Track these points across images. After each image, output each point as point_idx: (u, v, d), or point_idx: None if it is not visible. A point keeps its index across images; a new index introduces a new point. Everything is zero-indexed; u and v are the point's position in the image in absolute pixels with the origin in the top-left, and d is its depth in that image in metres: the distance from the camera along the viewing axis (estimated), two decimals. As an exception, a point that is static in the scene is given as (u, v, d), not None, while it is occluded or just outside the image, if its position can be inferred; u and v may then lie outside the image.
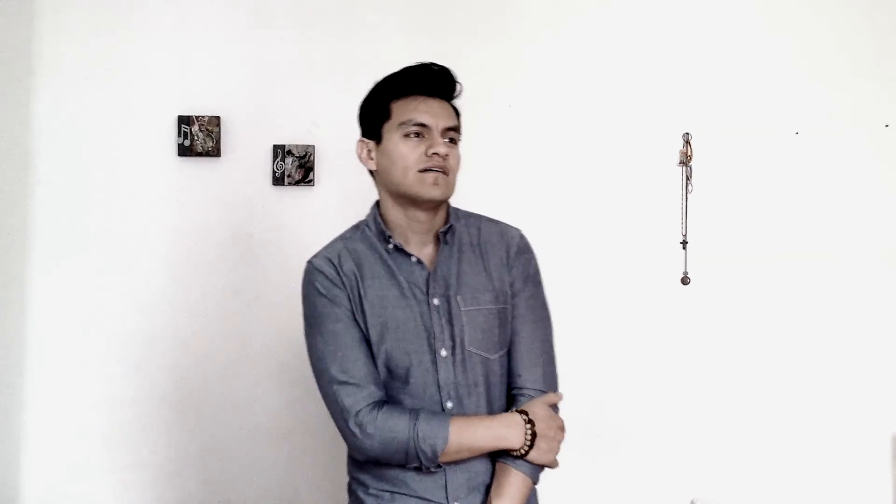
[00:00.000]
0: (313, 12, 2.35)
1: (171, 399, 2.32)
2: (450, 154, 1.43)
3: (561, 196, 2.31)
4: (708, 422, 2.30)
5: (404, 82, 1.46)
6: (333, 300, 1.41)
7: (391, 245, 1.45)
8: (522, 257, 1.50)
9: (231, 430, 2.33)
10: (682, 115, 2.33)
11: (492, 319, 1.44)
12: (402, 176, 1.42)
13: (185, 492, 2.32)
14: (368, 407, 1.36)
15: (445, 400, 1.40)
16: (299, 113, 2.34)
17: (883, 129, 2.32)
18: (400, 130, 1.43)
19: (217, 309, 2.33)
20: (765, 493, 2.28)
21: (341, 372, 1.38)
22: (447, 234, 1.47)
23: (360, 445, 1.36)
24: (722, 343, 2.31)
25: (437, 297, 1.42)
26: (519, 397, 1.44)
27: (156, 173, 2.33)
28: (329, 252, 1.47)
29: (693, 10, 2.34)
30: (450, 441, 1.33)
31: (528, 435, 1.36)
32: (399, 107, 1.45)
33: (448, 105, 1.47)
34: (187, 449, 2.32)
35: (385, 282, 1.43)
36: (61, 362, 2.32)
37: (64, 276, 2.32)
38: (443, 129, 1.43)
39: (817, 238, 2.31)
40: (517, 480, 1.38)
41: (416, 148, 1.42)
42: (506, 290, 1.47)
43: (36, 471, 2.31)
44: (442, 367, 1.40)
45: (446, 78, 1.48)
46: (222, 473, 2.32)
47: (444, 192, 1.43)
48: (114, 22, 2.34)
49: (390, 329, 1.40)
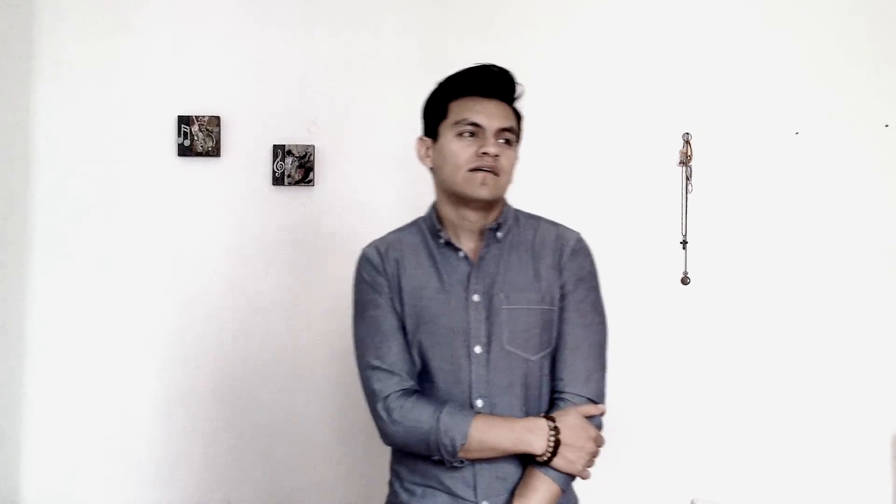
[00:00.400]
0: (313, 12, 2.35)
1: (171, 399, 2.32)
2: (502, 155, 1.43)
3: (561, 196, 2.31)
4: (708, 422, 2.30)
5: (463, 82, 1.47)
6: (375, 287, 1.45)
7: (441, 240, 1.46)
8: (576, 260, 1.48)
9: (231, 430, 2.33)
10: (682, 115, 2.33)
11: (534, 319, 1.43)
12: (453, 174, 1.44)
13: (185, 492, 2.32)
14: (398, 394, 1.38)
15: (475, 397, 1.40)
16: (299, 113, 2.34)
17: (883, 129, 2.32)
18: (454, 129, 1.44)
19: (217, 309, 2.33)
20: (765, 493, 2.28)
21: (376, 357, 1.41)
22: (497, 232, 1.47)
23: (386, 430, 1.38)
24: (722, 343, 2.31)
25: (478, 294, 1.43)
26: (558, 402, 1.42)
27: (156, 173, 2.33)
28: (380, 242, 1.51)
29: (693, 11, 2.34)
30: (470, 437, 1.33)
31: (551, 442, 1.35)
32: (456, 106, 1.46)
33: (506, 107, 1.47)
34: (187, 449, 2.32)
35: (427, 273, 1.45)
36: (61, 362, 2.32)
37: (64, 275, 2.32)
38: (497, 130, 1.43)
39: (817, 238, 2.31)
40: (543, 485, 1.37)
41: (468, 147, 1.43)
42: (554, 293, 1.45)
43: (36, 471, 2.31)
44: (474, 363, 1.40)
45: (505, 79, 1.48)
46: (222, 473, 2.32)
47: (493, 192, 1.43)
48: (114, 22, 2.34)
49: (425, 320, 1.42)
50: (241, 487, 2.32)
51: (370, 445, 2.31)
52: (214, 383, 2.33)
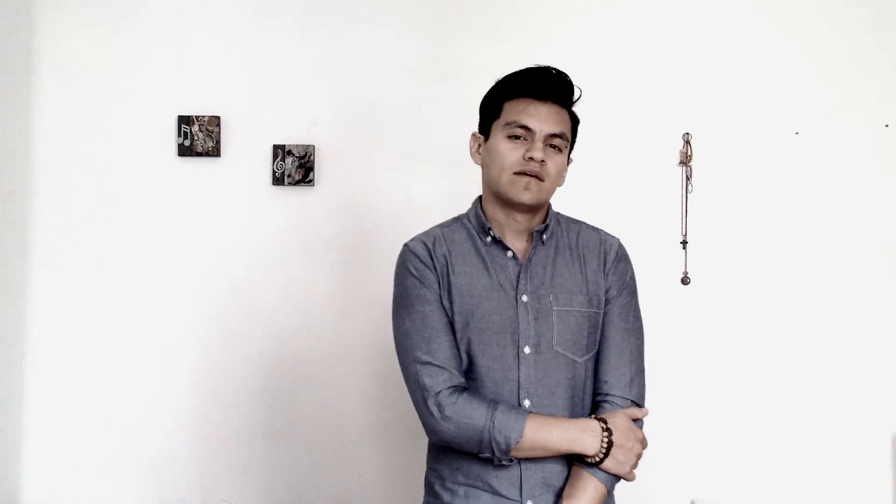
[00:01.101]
0: (313, 12, 2.35)
1: (171, 399, 2.32)
2: (549, 160, 1.43)
3: (561, 196, 2.31)
4: (708, 422, 2.30)
5: (519, 83, 1.46)
6: (424, 282, 1.44)
7: (489, 237, 1.46)
8: (621, 265, 1.51)
9: (231, 430, 2.33)
10: (682, 115, 2.33)
11: (582, 322, 1.44)
12: (498, 175, 1.44)
13: (185, 492, 2.32)
14: (449, 390, 1.37)
15: (523, 397, 1.40)
16: (299, 113, 2.34)
17: (883, 129, 2.32)
18: (505, 130, 1.44)
19: (216, 308, 2.33)
20: (765, 493, 2.28)
21: (426, 353, 1.40)
22: (543, 234, 1.47)
23: (436, 427, 1.37)
24: (722, 343, 2.31)
25: (527, 294, 1.43)
26: (603, 404, 1.44)
27: (156, 173, 2.33)
28: (426, 236, 1.50)
29: (693, 11, 2.34)
30: (524, 436, 1.33)
31: (605, 443, 1.36)
32: (510, 107, 1.45)
33: (561, 111, 1.46)
34: (187, 449, 2.32)
35: (477, 271, 1.44)
36: (61, 362, 2.32)
37: (63, 275, 2.32)
38: (546, 135, 1.43)
39: (817, 238, 2.31)
40: (591, 486, 1.37)
41: (516, 150, 1.43)
42: (600, 296, 1.47)
43: (36, 471, 2.31)
44: (524, 363, 1.41)
45: (562, 83, 1.47)
46: (222, 473, 2.32)
47: (536, 197, 1.43)
48: (114, 22, 2.34)
49: (475, 318, 1.42)
50: (242, 488, 2.32)
51: (378, 447, 2.31)
52: (214, 383, 2.33)
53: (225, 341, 2.33)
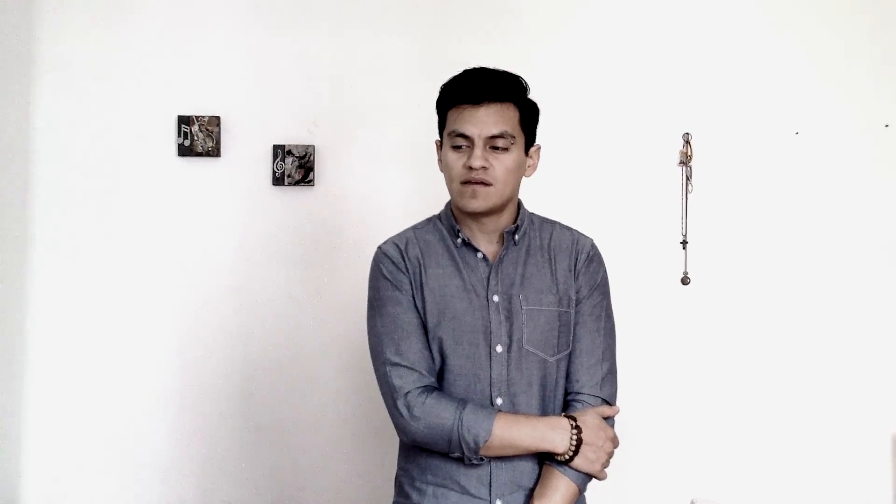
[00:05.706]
0: (313, 12, 2.35)
1: (171, 399, 2.32)
2: (495, 163, 1.41)
3: (561, 195, 2.31)
4: (708, 422, 2.30)
5: (453, 91, 1.45)
6: (396, 284, 1.45)
7: (460, 239, 1.47)
8: (592, 266, 1.51)
9: (231, 430, 2.33)
10: (682, 115, 2.33)
11: (553, 321, 1.45)
12: (449, 185, 1.47)
13: (186, 492, 2.32)
14: (418, 390, 1.38)
15: (496, 395, 1.41)
16: (299, 113, 2.34)
17: (883, 129, 2.32)
18: (449, 140, 1.45)
19: (216, 309, 2.33)
20: (765, 493, 2.28)
21: (395, 354, 1.41)
22: (514, 234, 1.48)
23: (406, 427, 1.38)
24: (722, 343, 2.31)
25: (498, 294, 1.44)
26: (574, 403, 1.45)
27: (156, 173, 2.33)
28: (398, 238, 1.51)
29: (694, 11, 2.34)
30: (493, 434, 1.34)
31: (574, 441, 1.36)
32: (451, 116, 1.45)
33: (502, 108, 1.42)
34: (187, 449, 2.32)
35: (449, 272, 1.45)
36: (61, 362, 2.32)
37: (64, 275, 2.32)
38: (485, 139, 1.41)
39: (817, 238, 2.31)
40: (562, 485, 1.38)
41: (460, 160, 1.43)
42: (570, 296, 1.47)
43: (36, 471, 2.31)
44: (496, 362, 1.42)
45: (494, 80, 1.43)
46: (222, 473, 2.32)
47: (485, 203, 1.42)
48: (114, 22, 2.34)
49: (447, 318, 1.42)
50: (242, 488, 2.32)
51: (376, 445, 2.31)
52: (214, 383, 2.33)
53: (225, 341, 2.33)
